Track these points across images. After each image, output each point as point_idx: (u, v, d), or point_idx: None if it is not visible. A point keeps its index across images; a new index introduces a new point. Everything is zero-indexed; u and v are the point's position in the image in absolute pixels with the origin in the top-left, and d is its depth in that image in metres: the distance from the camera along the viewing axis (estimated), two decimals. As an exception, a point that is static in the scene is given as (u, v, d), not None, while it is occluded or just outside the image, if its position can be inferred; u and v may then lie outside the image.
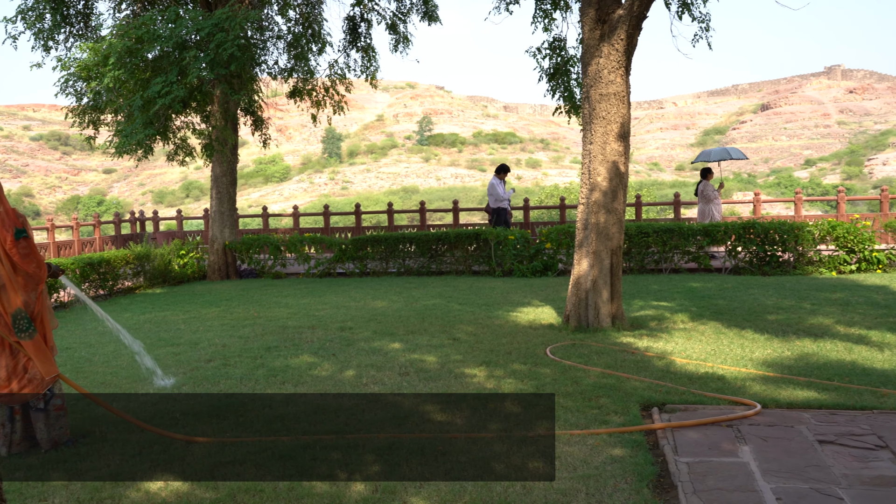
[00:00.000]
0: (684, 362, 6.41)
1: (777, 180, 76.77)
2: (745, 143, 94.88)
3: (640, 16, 7.80)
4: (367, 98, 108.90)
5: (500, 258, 13.82)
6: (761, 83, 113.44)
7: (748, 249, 12.73)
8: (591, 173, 8.05)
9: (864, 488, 3.67)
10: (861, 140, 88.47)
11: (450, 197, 59.84)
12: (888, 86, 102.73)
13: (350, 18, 16.29)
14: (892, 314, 8.27)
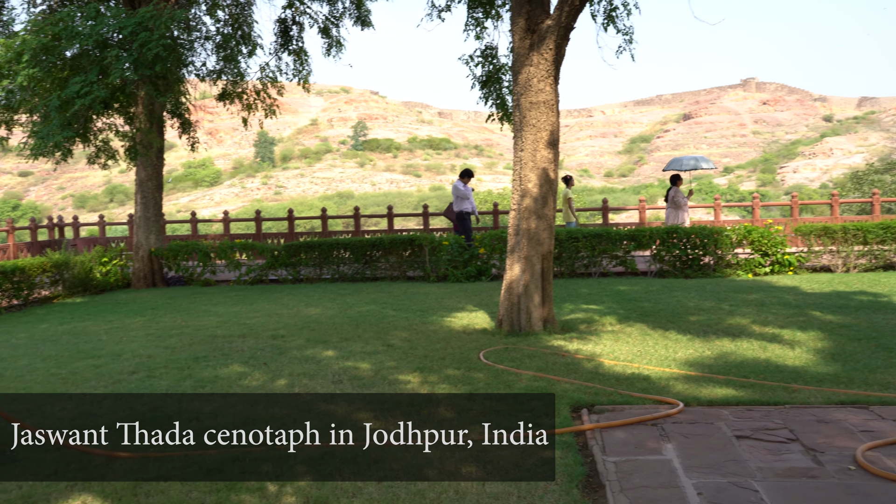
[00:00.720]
0: (612, 364, 6.61)
1: (699, 187, 79.40)
2: (668, 151, 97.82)
3: (568, 26, 8.02)
4: (300, 102, 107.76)
5: (435, 264, 13.92)
6: (683, 94, 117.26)
7: (672, 253, 13.18)
8: (523, 180, 8.22)
9: (776, 480, 3.88)
10: (774, 149, 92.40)
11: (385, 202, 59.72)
12: (797, 98, 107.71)
13: (281, 21, 16.16)
14: (802, 314, 8.71)
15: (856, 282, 11.54)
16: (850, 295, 10.13)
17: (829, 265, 13.27)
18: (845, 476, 3.92)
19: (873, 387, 5.62)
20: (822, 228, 13.43)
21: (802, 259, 13.31)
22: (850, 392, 5.47)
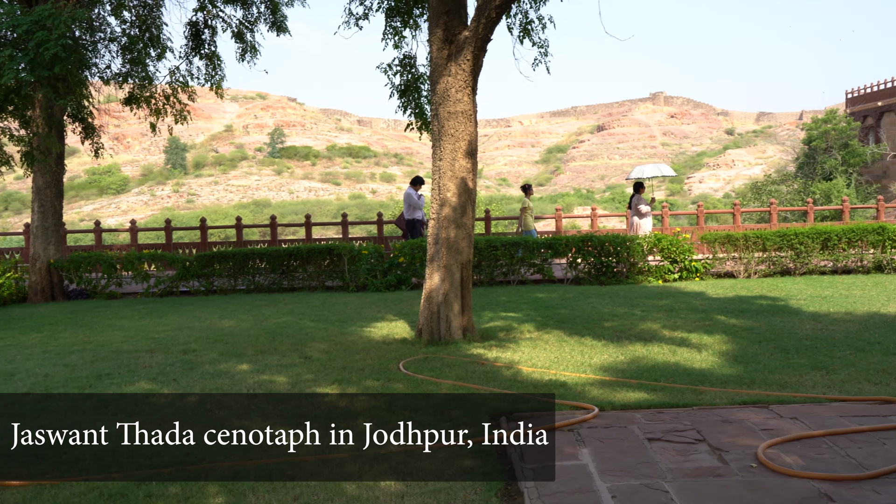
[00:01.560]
0: (530, 371, 6.72)
1: (612, 196, 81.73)
2: (583, 161, 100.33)
3: (485, 38, 8.14)
4: (214, 108, 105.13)
5: (354, 273, 13.83)
6: (597, 106, 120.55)
7: (587, 261, 13.52)
8: (441, 189, 8.28)
9: (685, 480, 4.03)
10: (681, 160, 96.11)
11: (303, 211, 58.88)
12: (702, 112, 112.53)
13: (193, 24, 15.75)
14: (709, 318, 9.09)
15: (756, 287, 12.12)
16: (751, 299, 10.63)
17: (733, 271, 13.89)
18: (748, 473, 4.10)
19: (772, 387, 5.92)
20: (725, 236, 14.05)
21: (708, 265, 13.89)
22: (751, 392, 5.74)
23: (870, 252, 13.99)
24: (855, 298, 10.51)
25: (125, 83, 14.84)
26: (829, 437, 4.67)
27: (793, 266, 13.88)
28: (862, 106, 55.00)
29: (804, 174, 47.38)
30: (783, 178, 48.24)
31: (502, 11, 7.94)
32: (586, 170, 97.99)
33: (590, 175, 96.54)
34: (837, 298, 10.56)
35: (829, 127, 48.13)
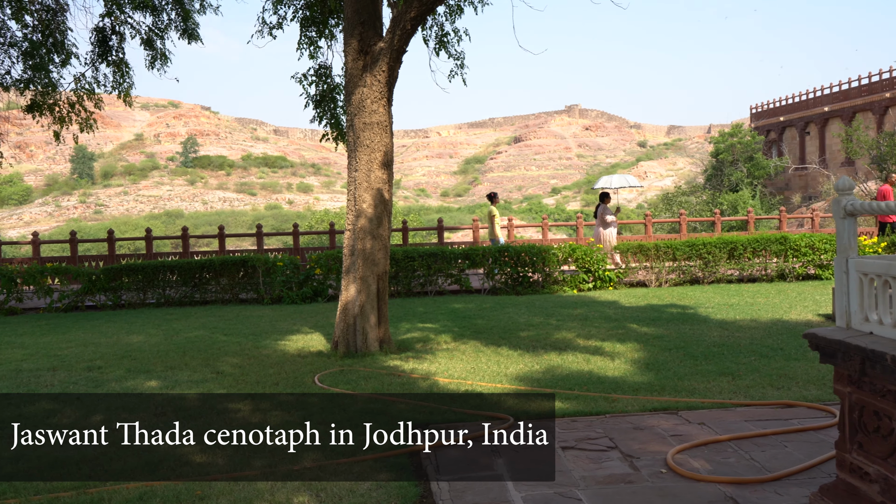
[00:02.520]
0: (447, 382, 6.71)
1: (529, 206, 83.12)
2: (501, 172, 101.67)
3: (401, 49, 8.13)
4: (123, 116, 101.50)
5: (269, 285, 13.55)
6: (514, 118, 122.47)
7: (504, 271, 13.66)
8: (357, 200, 8.21)
9: (598, 487, 4.09)
10: (596, 171, 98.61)
11: (218, 222, 57.45)
12: (616, 125, 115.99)
13: (99, 30, 15.14)
14: (621, 326, 9.31)
15: (667, 295, 12.51)
16: (662, 308, 10.95)
17: (645, 280, 14.29)
18: (658, 479, 4.20)
19: (681, 393, 6.09)
20: (637, 246, 14.45)
21: (621, 275, 14.24)
22: (661, 399, 5.89)
23: (773, 261, 14.63)
24: (759, 306, 10.96)
25: (27, 90, 14.14)
26: (734, 442, 4.83)
27: (701, 275, 14.38)
28: (765, 121, 57.77)
29: (712, 186, 49.35)
30: (693, 190, 50.11)
31: (417, 24, 7.95)
32: (504, 181, 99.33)
33: (507, 186, 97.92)
34: (743, 306, 10.99)
35: (735, 140, 50.34)
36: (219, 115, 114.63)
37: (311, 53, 11.12)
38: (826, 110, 50.20)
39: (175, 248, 40.70)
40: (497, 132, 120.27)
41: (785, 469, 4.29)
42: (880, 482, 3.51)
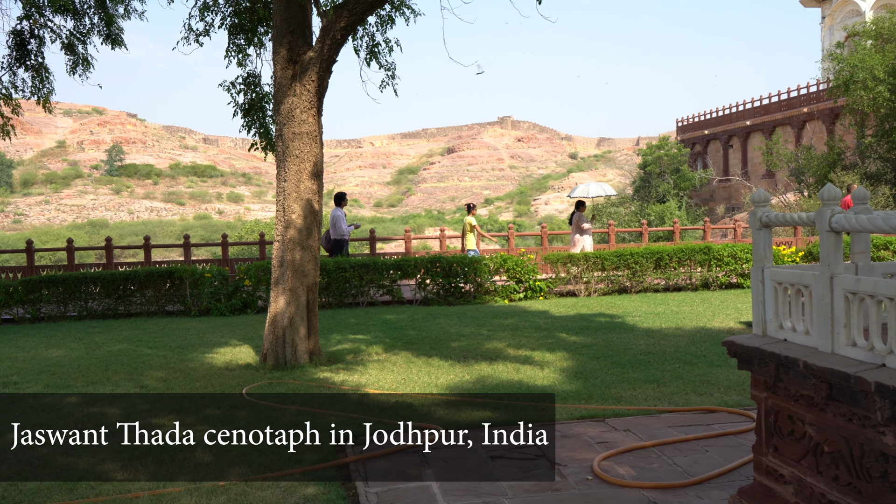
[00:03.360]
0: (377, 393, 6.67)
1: (462, 217, 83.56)
2: (434, 183, 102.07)
3: (330, 59, 8.09)
4: (45, 122, 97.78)
5: (197, 297, 13.24)
6: (447, 129, 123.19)
7: (435, 282, 13.68)
8: (286, 211, 8.10)
9: (525, 496, 4.13)
10: (528, 182, 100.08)
11: (144, 232, 55.75)
12: (547, 136, 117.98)
13: (17, 33, 14.56)
14: (551, 336, 9.44)
15: (596, 305, 12.75)
16: (591, 317, 11.15)
17: (574, 290, 14.53)
18: (584, 486, 4.26)
19: (608, 401, 6.20)
20: (567, 256, 14.68)
21: (551, 285, 14.45)
22: (589, 407, 5.99)
23: (697, 270, 15.08)
24: (684, 314, 11.27)
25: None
26: (658, 448, 4.94)
27: (629, 284, 14.71)
28: (691, 133, 59.61)
29: (640, 197, 50.60)
30: (622, 201, 51.27)
31: (347, 33, 7.93)
32: (437, 191, 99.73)
33: (441, 196, 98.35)
34: (669, 315, 11.28)
35: (662, 153, 51.79)
36: (145, 123, 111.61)
37: (239, 61, 10.94)
38: (748, 124, 52.15)
39: (99, 260, 39.37)
40: (430, 143, 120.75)
41: (706, 473, 4.41)
42: (794, 483, 3.64)
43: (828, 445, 3.41)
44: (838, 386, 3.27)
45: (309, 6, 8.44)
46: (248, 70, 10.92)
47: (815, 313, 3.52)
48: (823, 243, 3.44)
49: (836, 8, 49.00)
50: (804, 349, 3.57)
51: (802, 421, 3.57)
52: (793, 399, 3.63)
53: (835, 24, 48.10)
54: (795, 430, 3.64)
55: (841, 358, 3.34)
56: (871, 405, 3.05)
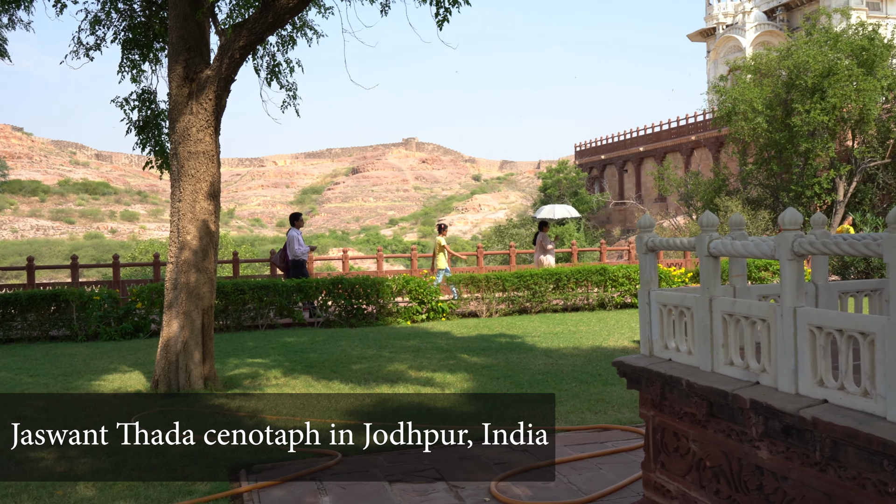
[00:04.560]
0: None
1: (366, 237, 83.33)
2: (338, 203, 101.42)
3: (229, 78, 7.94)
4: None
5: (85, 321, 12.60)
6: (352, 149, 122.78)
7: (337, 303, 13.54)
8: (181, 231, 7.86)
9: (423, 520, 4.12)
10: (433, 203, 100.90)
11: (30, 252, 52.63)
12: (451, 158, 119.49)
13: None
14: (453, 357, 9.51)
15: (497, 325, 12.93)
16: (492, 338, 11.30)
17: (476, 311, 14.70)
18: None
19: (507, 421, 6.28)
20: (469, 278, 14.85)
21: (454, 306, 14.56)
22: (488, 428, 6.04)
23: (594, 291, 15.54)
24: (581, 334, 11.59)
25: None
26: (553, 466, 5.04)
27: (529, 305, 15.00)
28: (588, 158, 61.70)
29: (541, 219, 51.84)
30: (523, 222, 52.37)
31: (247, 53, 7.82)
32: (341, 211, 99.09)
33: (345, 217, 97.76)
34: (567, 334, 11.57)
35: (561, 176, 53.34)
36: (32, 137, 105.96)
37: (133, 77, 10.57)
38: (641, 150, 54.43)
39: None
40: (335, 163, 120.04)
41: (599, 491, 4.53)
42: (680, 498, 3.79)
43: (709, 460, 3.57)
44: (718, 403, 3.44)
45: (207, 24, 8.28)
46: (143, 86, 10.57)
47: (696, 334, 3.70)
48: (703, 267, 3.63)
49: (719, 44, 52.05)
50: (687, 368, 3.74)
51: (686, 438, 3.73)
52: (678, 417, 3.79)
53: (719, 58, 51.06)
54: (680, 446, 3.79)
55: (720, 376, 3.52)
56: (747, 421, 3.22)
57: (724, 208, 27.38)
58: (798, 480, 3.02)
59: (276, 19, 7.84)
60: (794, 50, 26.25)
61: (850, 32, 26.07)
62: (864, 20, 28.69)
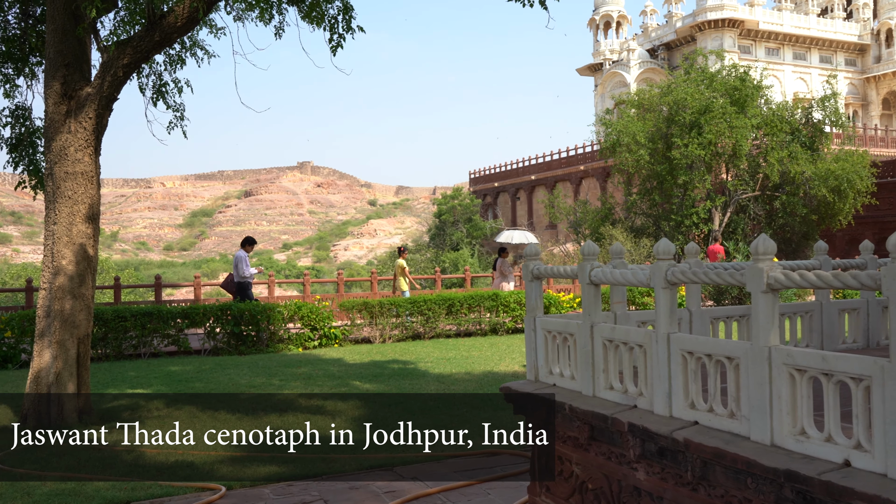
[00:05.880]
0: (155, 452, 6.24)
1: (259, 262, 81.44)
2: (230, 227, 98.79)
3: (111, 97, 7.63)
4: None
5: (-57, 351, 11.67)
6: (245, 171, 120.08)
7: (226, 330, 13.14)
8: (56, 256, 7.44)
9: (309, 554, 4.03)
10: (328, 228, 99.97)
11: None
12: (347, 183, 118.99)
13: None
14: (345, 384, 9.40)
15: (390, 351, 12.89)
16: (385, 364, 11.25)
17: (369, 336, 14.60)
18: (369, 538, 4.24)
19: (397, 449, 6.25)
20: (362, 303, 14.75)
21: (347, 332, 14.41)
22: (378, 456, 5.99)
23: (487, 316, 15.74)
24: (474, 359, 11.70)
25: None
26: (443, 493, 5.05)
27: (423, 330, 15.03)
28: (482, 185, 62.87)
29: (436, 244, 52.26)
30: (418, 248, 52.66)
31: (131, 71, 7.55)
32: (233, 235, 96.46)
33: (237, 240, 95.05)
34: (459, 360, 11.65)
35: (455, 203, 54.02)
36: None
37: (6, 92, 9.99)
38: (533, 178, 55.98)
39: None
40: (227, 185, 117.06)
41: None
42: (563, 521, 3.88)
43: (591, 483, 3.67)
44: (598, 427, 3.55)
45: (88, 40, 7.94)
46: (17, 102, 10.00)
47: (579, 359, 3.82)
48: (584, 295, 3.75)
49: (606, 78, 54.47)
50: (570, 393, 3.85)
51: (570, 461, 3.83)
52: (562, 440, 3.89)
53: (605, 92, 53.39)
54: (564, 469, 3.89)
55: (601, 401, 3.64)
56: (626, 444, 3.34)
57: (609, 236, 28.44)
58: (673, 500, 3.16)
59: (163, 38, 7.61)
60: (674, 87, 27.76)
61: (724, 73, 27.84)
62: (737, 62, 30.77)
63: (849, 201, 26.60)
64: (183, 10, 7.51)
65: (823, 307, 4.64)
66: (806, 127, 28.01)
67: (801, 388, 2.71)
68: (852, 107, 53.28)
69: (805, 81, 52.14)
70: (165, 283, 20.05)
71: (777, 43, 51.70)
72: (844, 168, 26.07)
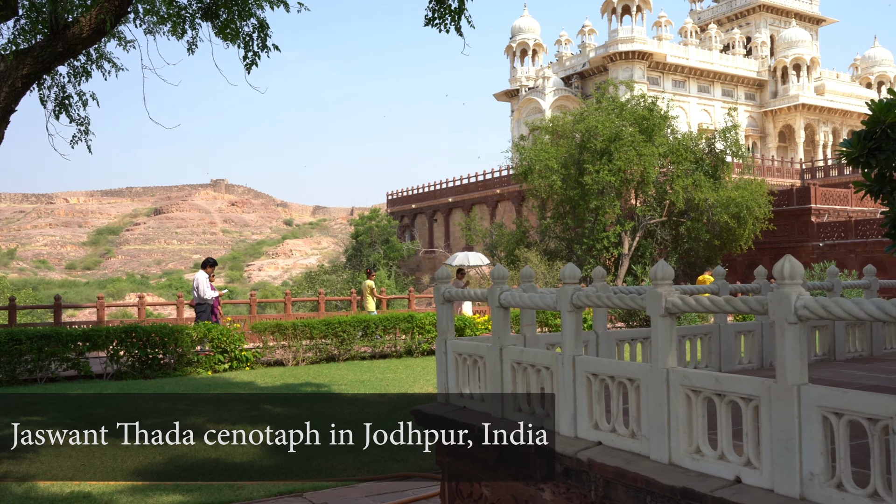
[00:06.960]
0: (48, 484, 5.93)
1: (169, 282, 78.93)
2: (138, 245, 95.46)
3: (8, 108, 7.29)
4: None
5: None
6: (154, 188, 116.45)
7: (131, 353, 12.64)
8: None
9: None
10: (242, 248, 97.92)
11: None
12: (262, 202, 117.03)
13: None
14: (256, 408, 9.18)
15: (303, 374, 12.67)
16: (297, 387, 11.05)
17: (282, 359, 14.32)
18: (276, 567, 4.14)
19: (309, 474, 6.15)
20: (275, 325, 14.47)
21: (259, 354, 14.09)
22: (288, 482, 5.88)
23: (402, 338, 15.69)
24: (388, 381, 11.63)
25: None
26: (352, 518, 4.98)
27: (337, 352, 14.85)
28: (400, 207, 62.91)
29: (353, 265, 51.89)
30: (335, 269, 52.16)
31: (31, 82, 7.24)
32: (141, 254, 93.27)
33: (145, 260, 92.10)
34: (374, 382, 11.57)
35: (373, 224, 53.86)
36: None
37: None
38: (450, 201, 56.41)
39: None
40: (135, 202, 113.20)
41: (397, 540, 4.53)
42: (472, 543, 3.89)
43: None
44: (507, 449, 3.59)
45: (-16, 48, 7.58)
46: None
47: (488, 382, 3.86)
48: (494, 318, 3.81)
49: (522, 104, 55.67)
50: (480, 415, 3.89)
51: (479, 483, 3.86)
52: (471, 462, 3.91)
53: (521, 118, 54.55)
54: (474, 491, 3.91)
55: (510, 423, 3.68)
56: (532, 465, 3.39)
57: (523, 259, 28.93)
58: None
59: (67, 49, 7.34)
60: (586, 115, 28.64)
61: (633, 103, 28.93)
62: (645, 93, 32.01)
63: (748, 227, 27.99)
64: (89, 21, 7.27)
65: (721, 329, 4.85)
66: (709, 156, 29.37)
67: (696, 408, 2.82)
68: (751, 138, 56.16)
69: (709, 113, 54.65)
70: (66, 304, 19.12)
71: (683, 76, 54.07)
72: (744, 196, 27.45)
